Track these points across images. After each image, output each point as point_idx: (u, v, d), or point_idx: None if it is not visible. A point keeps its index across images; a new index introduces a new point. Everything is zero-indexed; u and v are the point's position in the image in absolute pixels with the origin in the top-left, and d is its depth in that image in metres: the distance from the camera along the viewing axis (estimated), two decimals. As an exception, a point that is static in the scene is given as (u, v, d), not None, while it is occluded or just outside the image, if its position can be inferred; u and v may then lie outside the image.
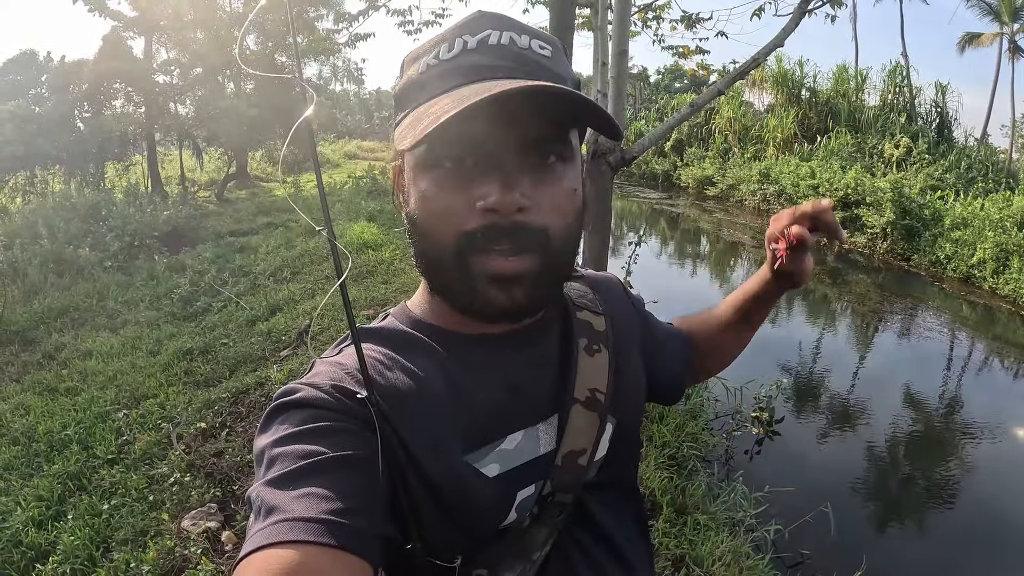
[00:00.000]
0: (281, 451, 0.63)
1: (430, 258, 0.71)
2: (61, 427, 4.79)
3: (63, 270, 9.96)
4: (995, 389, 7.71)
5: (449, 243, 0.68)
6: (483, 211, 0.66)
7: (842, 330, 9.90)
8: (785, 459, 5.37)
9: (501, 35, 0.68)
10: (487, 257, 0.67)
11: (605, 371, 0.82)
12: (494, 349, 0.78)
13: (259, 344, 6.12)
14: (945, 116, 22.17)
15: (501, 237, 0.67)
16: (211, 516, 3.41)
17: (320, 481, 0.60)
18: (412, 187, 0.71)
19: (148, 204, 13.60)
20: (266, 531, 0.57)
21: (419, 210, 0.70)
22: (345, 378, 0.71)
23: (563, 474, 0.78)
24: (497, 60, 0.67)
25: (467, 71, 0.66)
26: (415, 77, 0.69)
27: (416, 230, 0.71)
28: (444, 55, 0.68)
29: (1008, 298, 11.05)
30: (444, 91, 0.66)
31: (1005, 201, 13.35)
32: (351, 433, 0.65)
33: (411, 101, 0.69)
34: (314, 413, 0.66)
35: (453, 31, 0.70)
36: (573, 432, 0.78)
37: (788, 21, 4.23)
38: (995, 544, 4.59)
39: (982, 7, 22.08)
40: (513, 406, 0.77)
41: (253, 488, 0.63)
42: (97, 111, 17.22)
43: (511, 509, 0.76)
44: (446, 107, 0.61)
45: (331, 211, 8.74)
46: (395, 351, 0.76)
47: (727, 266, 14.05)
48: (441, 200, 0.67)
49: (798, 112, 23.54)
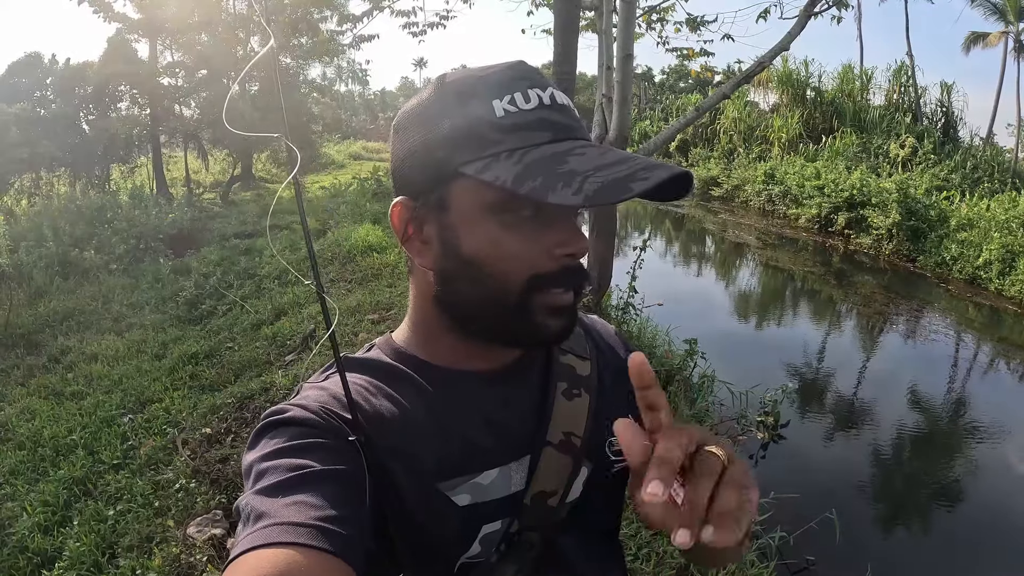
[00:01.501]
0: (271, 464, 0.65)
1: (487, 297, 0.72)
2: (67, 432, 4.80)
3: (68, 273, 10.01)
4: (1001, 391, 7.68)
5: (519, 283, 0.71)
6: (560, 256, 0.71)
7: (848, 332, 9.88)
8: (790, 464, 5.35)
9: (559, 94, 0.73)
10: (548, 294, 0.72)
11: (584, 416, 0.83)
12: (475, 386, 0.80)
13: (264, 348, 6.11)
14: (951, 116, 22.14)
15: (570, 277, 0.72)
16: (216, 523, 3.41)
17: (309, 490, 0.62)
18: (469, 227, 0.71)
19: (153, 206, 13.65)
20: (256, 534, 0.58)
21: (485, 252, 0.71)
22: (332, 401, 0.74)
23: (531, 514, 0.79)
24: (571, 120, 0.72)
25: (556, 127, 0.70)
26: (490, 119, 0.69)
27: (472, 271, 0.72)
28: (522, 104, 0.70)
29: (1015, 299, 11.00)
30: (542, 143, 0.69)
31: (1011, 201, 13.31)
32: (339, 451, 0.68)
33: (489, 144, 0.68)
34: (303, 431, 0.69)
35: (516, 80, 0.71)
36: (543, 473, 0.80)
37: (794, 24, 4.22)
38: (1001, 549, 4.56)
39: (987, 6, 22.03)
40: (490, 443, 0.79)
41: (242, 498, 0.65)
42: (102, 113, 17.30)
43: (474, 541, 0.77)
44: (608, 172, 0.64)
45: (336, 213, 8.77)
46: (380, 380, 0.79)
47: (732, 267, 14.03)
48: (515, 243, 0.70)
49: (803, 112, 23.50)
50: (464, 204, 0.71)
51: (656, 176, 0.62)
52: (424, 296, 0.79)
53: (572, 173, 0.63)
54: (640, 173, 0.63)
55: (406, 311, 0.83)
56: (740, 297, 11.70)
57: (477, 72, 0.74)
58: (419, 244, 0.76)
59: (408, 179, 0.75)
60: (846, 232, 15.26)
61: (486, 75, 0.72)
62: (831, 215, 15.76)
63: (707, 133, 26.03)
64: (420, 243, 0.76)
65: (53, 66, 18.38)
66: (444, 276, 0.74)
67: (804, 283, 12.25)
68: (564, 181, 0.63)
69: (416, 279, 0.81)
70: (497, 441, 0.79)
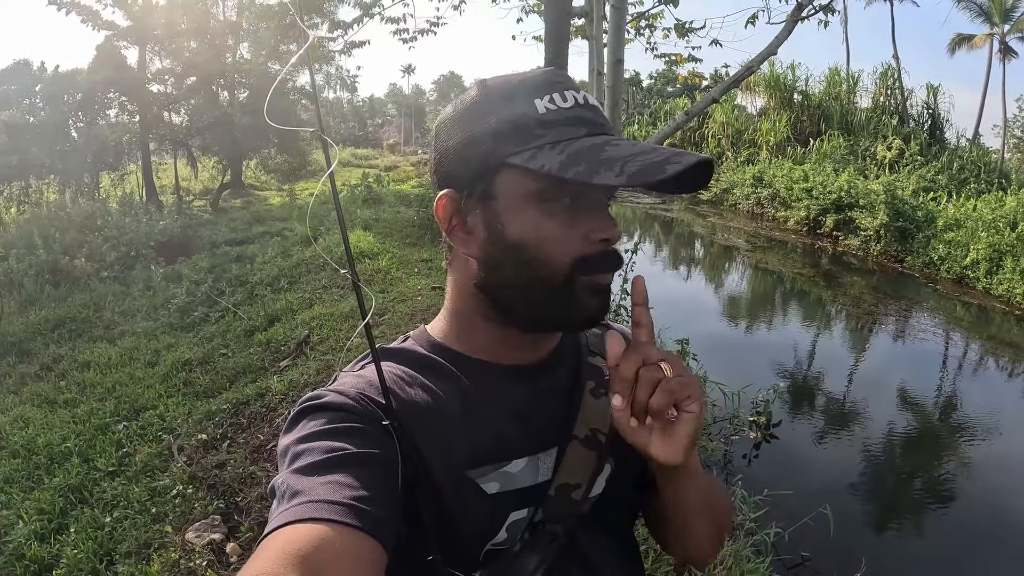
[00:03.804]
0: (307, 446, 0.68)
1: (534, 279, 0.77)
2: (61, 439, 4.79)
3: (59, 281, 9.96)
4: (990, 389, 7.75)
5: (564, 265, 0.75)
6: (598, 240, 0.76)
7: (837, 333, 9.95)
8: (783, 462, 5.40)
9: (588, 96, 0.79)
10: (591, 276, 0.77)
11: (609, 414, 0.83)
12: (508, 379, 0.84)
13: (258, 354, 6.12)
14: (937, 117, 22.31)
15: (609, 260, 0.77)
16: (215, 528, 3.42)
17: (345, 471, 0.65)
18: (515, 214, 0.76)
19: (143, 214, 13.62)
20: (291, 510, 0.61)
21: (530, 236, 0.75)
22: (368, 388, 0.76)
23: (555, 504, 0.82)
24: (601, 119, 0.78)
25: (590, 123, 0.76)
26: (534, 115, 0.75)
27: (518, 256, 0.76)
28: (561, 103, 0.76)
29: (1002, 298, 11.11)
30: (581, 136, 0.74)
31: (998, 201, 13.45)
32: (374, 435, 0.71)
33: (533, 137, 0.74)
34: (340, 415, 0.72)
35: (553, 84, 0.78)
36: (569, 466, 0.83)
37: (781, 29, 4.26)
38: (991, 541, 4.62)
39: (973, 9, 22.22)
40: (519, 434, 0.82)
41: (278, 477, 0.68)
42: (91, 121, 17.23)
43: (502, 528, 0.80)
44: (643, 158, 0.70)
45: (327, 220, 8.74)
46: (414, 370, 0.82)
47: (722, 270, 14.09)
48: (556, 228, 0.75)
49: (791, 115, 23.67)
50: (510, 192, 0.76)
51: (687, 160, 0.69)
52: (464, 286, 0.83)
53: (612, 159, 0.70)
54: (673, 158, 0.69)
55: (399, 316, 0.86)
56: (731, 299, 11.76)
57: (516, 76, 0.80)
58: (463, 235, 0.80)
59: (453, 173, 0.79)
60: (835, 234, 15.36)
61: (525, 78, 0.79)
62: (819, 217, 15.87)
63: (695, 137, 26.16)
64: (465, 233, 0.79)
65: (42, 73, 18.38)
66: (489, 263, 0.78)
67: (794, 284, 12.33)
68: (606, 166, 0.69)
69: (456, 270, 0.84)
70: (526, 432, 0.82)
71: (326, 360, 5.37)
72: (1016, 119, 25.34)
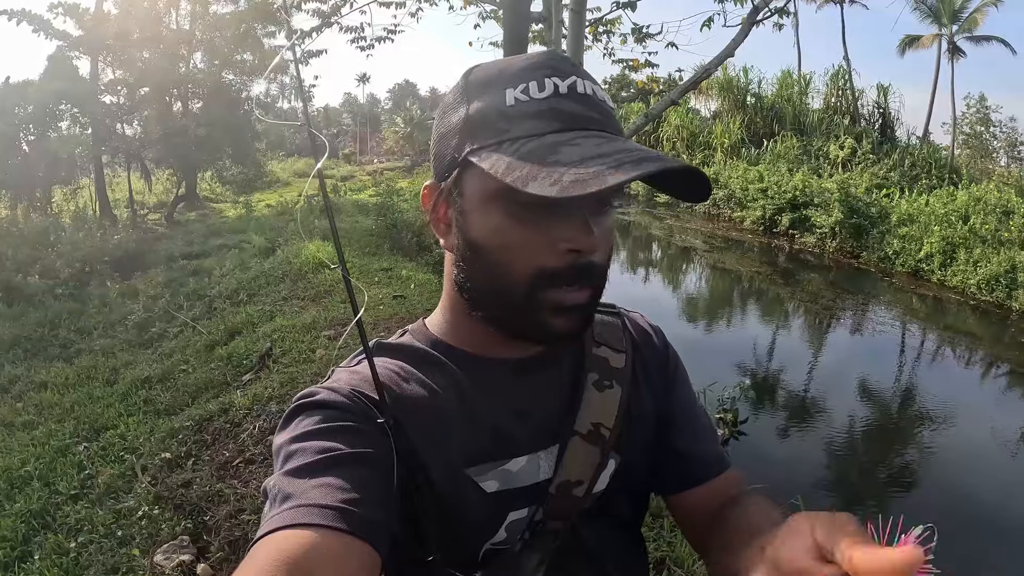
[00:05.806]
0: (300, 446, 0.66)
1: (495, 287, 0.72)
2: (20, 463, 4.65)
3: (12, 299, 9.70)
4: (947, 378, 7.96)
5: (524, 276, 0.70)
6: (566, 251, 0.69)
7: (797, 328, 10.12)
8: (753, 457, 5.48)
9: (586, 84, 0.71)
10: (557, 291, 0.70)
11: (615, 408, 0.83)
12: (506, 374, 0.80)
13: (220, 369, 6.01)
14: (888, 116, 22.89)
15: (578, 275, 0.70)
16: (184, 549, 3.35)
17: (337, 473, 0.63)
18: (478, 215, 0.71)
19: (98, 229, 13.35)
20: (282, 515, 0.59)
21: (489, 241, 0.71)
22: (363, 384, 0.74)
23: (556, 503, 0.80)
24: (589, 111, 0.69)
25: (565, 117, 0.68)
26: (500, 107, 0.69)
27: (480, 259, 0.72)
28: (535, 93, 0.69)
29: (956, 289, 11.41)
30: (547, 132, 0.67)
31: (949, 196, 13.82)
32: (368, 434, 0.68)
33: (496, 132, 0.69)
34: (333, 413, 0.70)
35: (537, 69, 0.70)
36: (570, 463, 0.80)
37: (737, 32, 4.31)
38: (952, 523, 4.74)
39: (923, 9, 22.77)
40: (519, 431, 0.79)
41: (270, 479, 0.65)
42: (43, 133, 16.81)
43: (501, 527, 0.78)
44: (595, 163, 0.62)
45: (285, 231, 8.66)
46: (410, 365, 0.79)
47: (680, 271, 14.24)
48: (518, 234, 0.69)
49: (744, 117, 24.08)
50: (473, 191, 0.72)
51: (643, 168, 0.61)
52: (450, 279, 0.79)
53: (557, 164, 0.63)
54: (627, 166, 0.62)
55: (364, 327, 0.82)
56: (690, 299, 11.90)
57: (503, 62, 0.74)
58: (443, 226, 0.77)
59: (435, 164, 0.76)
60: (791, 232, 15.64)
61: (508, 64, 0.73)
62: (775, 216, 16.14)
63: (650, 141, 26.36)
64: (444, 225, 0.77)
65: (-9, 85, 17.86)
66: (460, 261, 0.75)
67: (752, 283, 12.51)
68: (547, 172, 0.62)
69: (446, 261, 0.80)
70: (526, 429, 0.79)
71: (290, 373, 5.29)
72: (965, 117, 26.03)
